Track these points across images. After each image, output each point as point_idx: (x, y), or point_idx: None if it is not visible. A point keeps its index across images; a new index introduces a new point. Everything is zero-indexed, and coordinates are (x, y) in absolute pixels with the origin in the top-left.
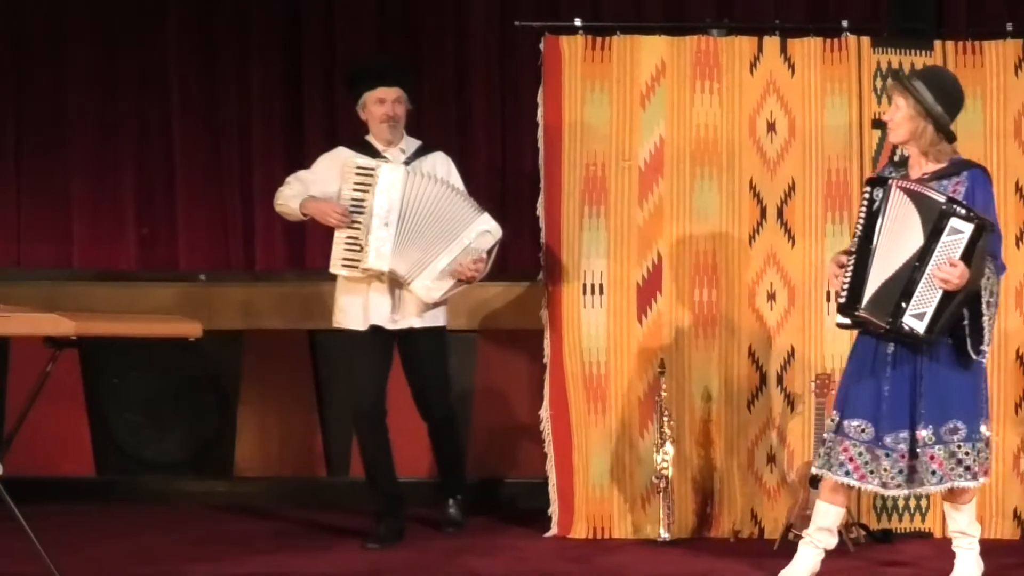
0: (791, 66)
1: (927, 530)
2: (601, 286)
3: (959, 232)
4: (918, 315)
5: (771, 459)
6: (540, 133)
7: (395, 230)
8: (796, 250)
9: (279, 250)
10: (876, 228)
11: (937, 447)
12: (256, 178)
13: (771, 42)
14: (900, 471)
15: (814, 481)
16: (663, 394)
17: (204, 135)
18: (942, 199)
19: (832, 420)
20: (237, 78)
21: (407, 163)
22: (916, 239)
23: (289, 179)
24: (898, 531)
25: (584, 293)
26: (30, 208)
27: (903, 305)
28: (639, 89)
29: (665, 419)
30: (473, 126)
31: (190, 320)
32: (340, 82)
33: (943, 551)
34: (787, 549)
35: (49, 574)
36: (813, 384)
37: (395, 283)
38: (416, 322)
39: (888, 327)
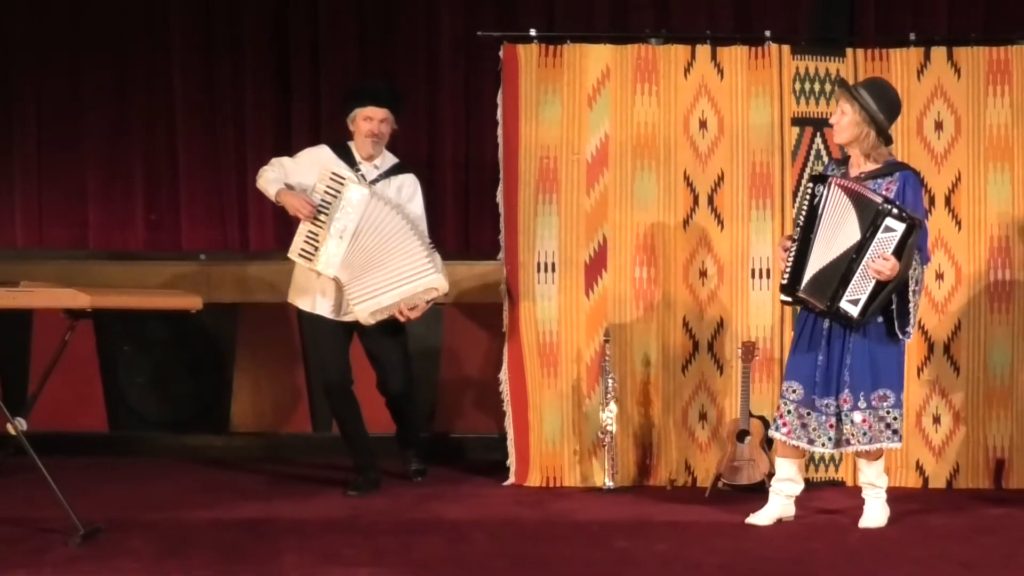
0: (720, 71)
1: (840, 479)
2: (553, 264)
3: (893, 230)
4: (853, 301)
5: (703, 417)
6: (500, 130)
7: (347, 245)
8: (725, 233)
9: (270, 233)
10: (816, 220)
11: (868, 412)
12: (250, 170)
13: (703, 50)
14: (828, 434)
15: (741, 436)
16: (608, 359)
17: (203, 132)
18: (879, 199)
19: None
20: (232, 82)
21: (376, 181)
22: (853, 233)
23: (273, 162)
24: (814, 480)
25: (538, 271)
26: (50, 196)
27: (840, 291)
28: (586, 91)
29: (609, 381)
30: (441, 123)
31: (191, 295)
32: (333, 92)
33: (855, 497)
34: (717, 496)
35: (67, 518)
36: (739, 351)
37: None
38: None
39: (826, 309)
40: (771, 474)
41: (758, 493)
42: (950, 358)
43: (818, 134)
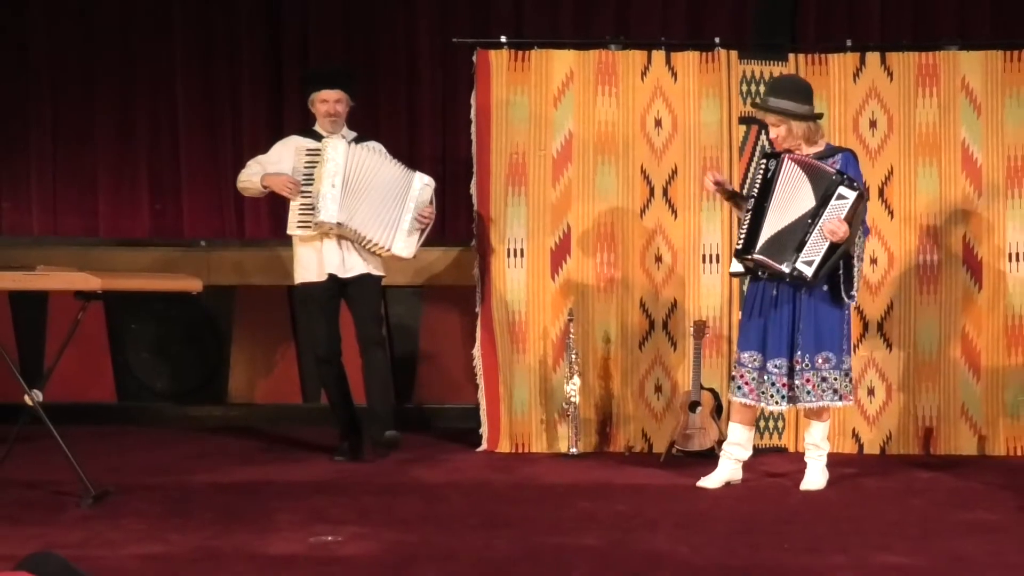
0: (674, 74)
1: (783, 446)
2: (522, 250)
3: (845, 198)
4: (807, 262)
5: (658, 389)
6: (473, 128)
7: (340, 191)
8: (678, 222)
9: (264, 222)
10: (771, 191)
11: (811, 372)
12: (245, 163)
13: (658, 55)
14: (781, 392)
15: (693, 406)
16: (571, 337)
17: (203, 131)
18: (833, 171)
19: (737, 357)
20: (229, 86)
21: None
22: (808, 201)
23: (249, 162)
24: (760, 446)
25: (508, 256)
26: (64, 188)
27: (797, 253)
28: (552, 93)
29: (573, 357)
30: (420, 121)
31: (192, 278)
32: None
33: (797, 462)
34: (671, 461)
35: (79, 482)
36: (691, 329)
37: (342, 240)
38: (362, 269)
39: (783, 268)
40: (720, 441)
41: (708, 458)
42: (883, 335)
43: (763, 132)
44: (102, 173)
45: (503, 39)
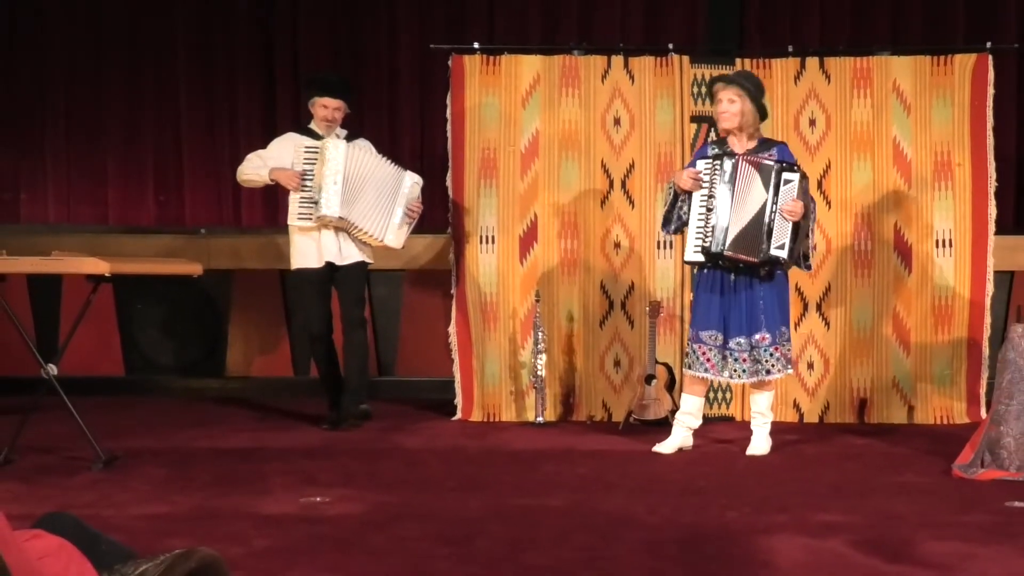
0: (631, 77)
1: (730, 415)
2: (493, 237)
3: (791, 181)
4: (779, 247)
5: (617, 364)
6: (448, 126)
7: (341, 188)
8: (635, 211)
9: (259, 211)
10: (729, 189)
11: (774, 347)
12: (242, 158)
13: (617, 60)
14: (744, 367)
15: (648, 380)
16: (538, 316)
17: (203, 129)
18: (774, 163)
19: (690, 335)
20: (227, 89)
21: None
22: (761, 194)
23: (250, 156)
24: (709, 416)
25: (481, 242)
26: (77, 181)
27: (768, 242)
28: (520, 94)
29: (540, 334)
30: (400, 120)
31: (193, 262)
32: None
33: (743, 430)
34: (628, 429)
35: (91, 448)
36: (647, 309)
37: (339, 230)
38: (356, 257)
39: (758, 260)
40: (673, 411)
41: (662, 427)
42: (822, 315)
43: (712, 129)
44: (111, 167)
45: (476, 45)
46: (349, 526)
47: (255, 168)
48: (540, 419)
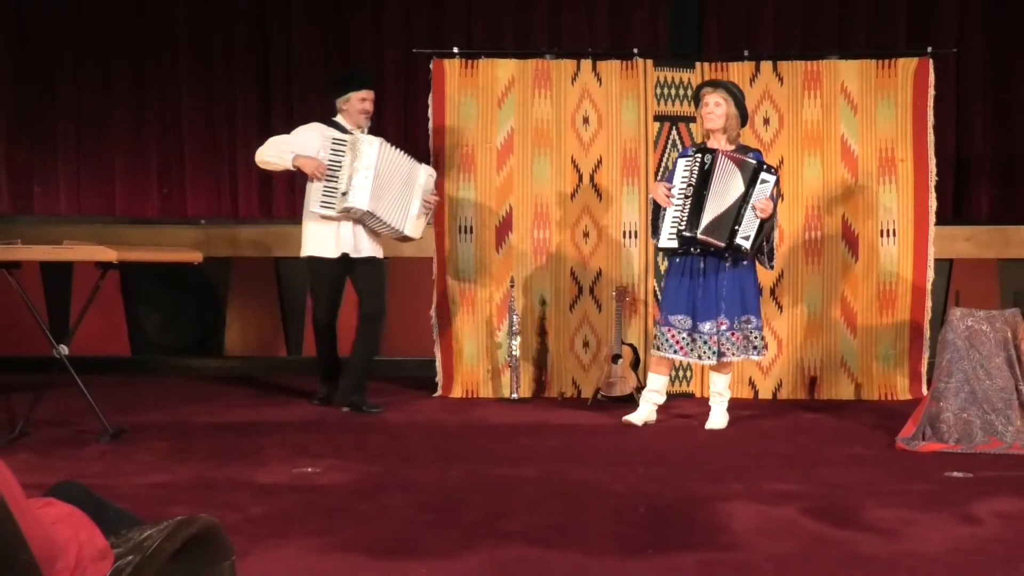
0: (599, 79)
1: (691, 392)
2: (471, 227)
3: (767, 181)
4: (745, 237)
5: (586, 344)
6: (430, 125)
7: (372, 182)
8: (603, 203)
9: (255, 203)
10: (709, 181)
11: (737, 332)
12: (239, 155)
13: (586, 63)
14: (712, 350)
15: (615, 359)
16: (513, 300)
17: (203, 128)
18: (756, 162)
19: (658, 319)
20: (225, 91)
21: None
22: (739, 188)
23: (273, 140)
24: (671, 392)
25: (459, 232)
26: (87, 175)
27: (736, 229)
28: (496, 95)
29: (514, 317)
30: (385, 119)
31: (194, 251)
32: (303, 98)
33: (703, 405)
34: (596, 405)
35: (99, 422)
36: (614, 294)
37: (357, 223)
38: (370, 251)
39: (725, 245)
40: (638, 388)
41: (628, 403)
42: (775, 299)
43: (674, 128)
44: (118, 163)
45: (455, 50)
46: (338, 495)
47: (279, 153)
48: (515, 396)
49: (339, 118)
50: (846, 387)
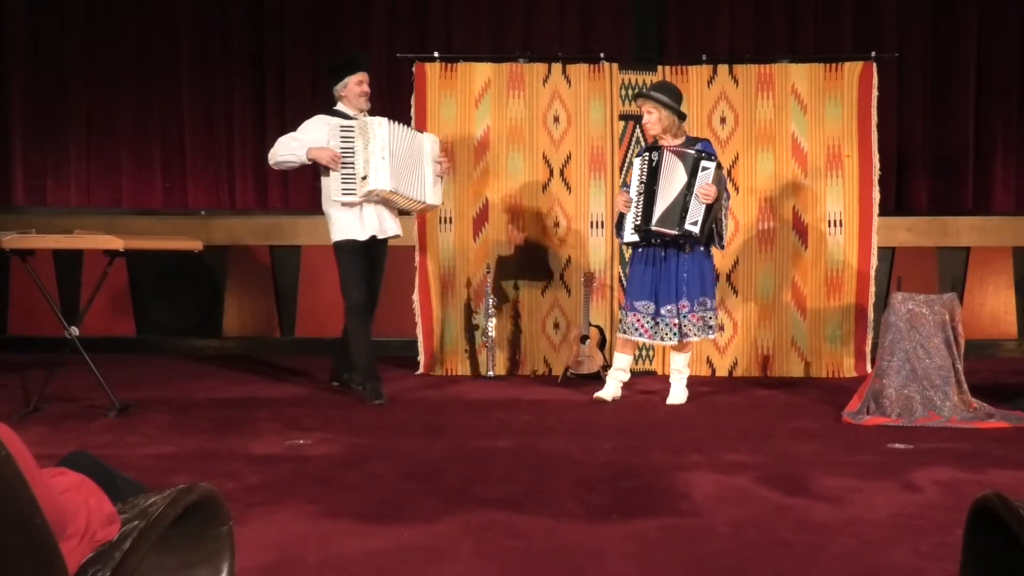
0: (568, 81)
1: (654, 370)
2: (450, 218)
3: (707, 168)
4: (693, 223)
5: (556, 326)
6: (412, 123)
7: (389, 162)
8: (572, 196)
9: (251, 196)
10: (657, 177)
11: (695, 314)
12: (236, 151)
13: (556, 66)
14: (673, 331)
15: (583, 340)
16: (489, 285)
17: (203, 126)
18: (694, 152)
19: (624, 304)
20: (224, 92)
21: None
22: (682, 178)
23: (283, 140)
24: (635, 371)
25: (440, 222)
26: (96, 170)
27: (684, 217)
28: (474, 96)
29: (490, 301)
30: None
31: (194, 239)
32: (295, 98)
33: (664, 382)
34: (566, 382)
35: (107, 398)
36: (582, 279)
37: (379, 204)
38: (395, 231)
39: (676, 232)
40: (605, 366)
41: (595, 380)
42: (731, 284)
43: (637, 126)
44: (125, 158)
45: (436, 55)
46: (328, 464)
47: (292, 150)
48: (491, 373)
49: (340, 106)
50: (796, 365)
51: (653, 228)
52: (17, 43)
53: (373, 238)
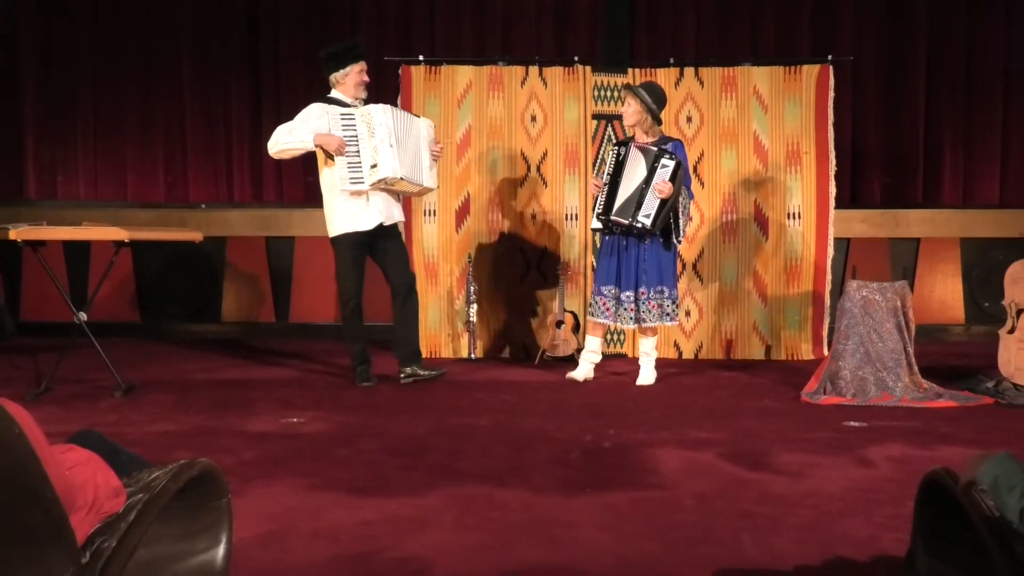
0: (545, 83)
1: (624, 352)
2: (435, 211)
3: (667, 166)
4: (646, 216)
5: (533, 312)
6: None
7: (395, 148)
8: (548, 191)
9: (248, 189)
10: (622, 169)
11: (653, 300)
12: (234, 149)
13: (533, 69)
14: (630, 315)
15: (558, 324)
16: (470, 274)
17: (203, 124)
18: (656, 150)
19: (593, 289)
20: (223, 93)
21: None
22: (642, 173)
23: (281, 128)
24: (606, 353)
25: (425, 215)
26: (103, 165)
27: (638, 210)
28: (457, 97)
29: (472, 288)
30: None
31: (195, 230)
32: (289, 98)
33: (634, 364)
34: (542, 364)
35: (113, 379)
36: (558, 268)
37: (384, 191)
38: (399, 217)
39: (629, 223)
40: (579, 350)
41: (569, 362)
42: (697, 273)
43: (609, 125)
44: (130, 154)
45: (421, 58)
46: (320, 441)
47: (298, 137)
48: (472, 356)
49: (336, 93)
50: (758, 349)
51: (612, 218)
52: (29, 46)
53: (380, 225)
